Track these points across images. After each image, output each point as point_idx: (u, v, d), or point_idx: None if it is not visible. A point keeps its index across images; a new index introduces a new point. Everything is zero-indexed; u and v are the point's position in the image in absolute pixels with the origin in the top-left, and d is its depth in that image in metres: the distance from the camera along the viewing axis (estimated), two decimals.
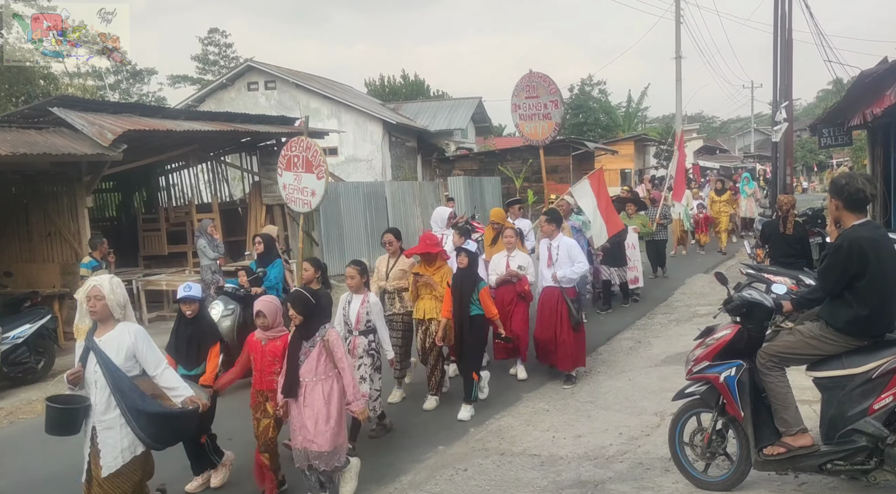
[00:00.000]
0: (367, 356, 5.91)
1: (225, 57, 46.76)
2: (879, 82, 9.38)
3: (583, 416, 6.41)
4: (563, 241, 7.45)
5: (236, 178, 17.69)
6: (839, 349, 3.94)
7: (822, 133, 16.12)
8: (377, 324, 5.94)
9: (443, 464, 5.51)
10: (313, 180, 8.24)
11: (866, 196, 3.95)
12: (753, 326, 4.34)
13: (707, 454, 4.53)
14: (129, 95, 41.92)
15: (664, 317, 10.42)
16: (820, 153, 41.91)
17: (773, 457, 4.10)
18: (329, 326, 4.84)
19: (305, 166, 8.29)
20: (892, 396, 3.73)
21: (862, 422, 3.79)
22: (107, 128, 10.32)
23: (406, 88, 43.43)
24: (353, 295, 5.98)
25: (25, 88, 22.33)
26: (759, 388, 4.24)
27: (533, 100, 10.69)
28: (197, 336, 5.28)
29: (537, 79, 10.65)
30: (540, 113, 10.63)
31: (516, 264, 7.43)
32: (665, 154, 37.10)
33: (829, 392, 3.99)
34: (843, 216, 4.01)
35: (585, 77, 47.34)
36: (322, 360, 4.72)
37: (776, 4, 15.16)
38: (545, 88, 10.56)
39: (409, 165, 28.47)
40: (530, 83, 10.68)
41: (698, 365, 4.48)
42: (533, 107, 10.70)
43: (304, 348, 4.73)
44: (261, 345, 5.11)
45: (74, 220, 11.14)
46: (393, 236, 7.06)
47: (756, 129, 55.42)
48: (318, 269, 6.79)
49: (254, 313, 5.15)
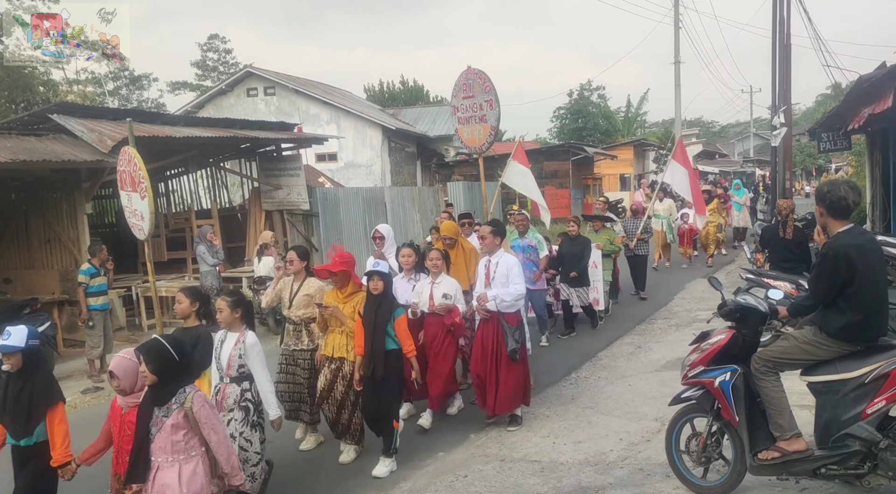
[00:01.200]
0: (238, 410, 4.72)
1: (224, 63, 46.88)
2: (878, 87, 9.40)
3: (583, 422, 6.40)
4: (504, 258, 6.31)
5: (235, 184, 17.71)
6: (833, 354, 3.96)
7: (821, 138, 16.12)
8: (255, 370, 4.75)
9: (443, 470, 5.50)
10: (137, 201, 6.97)
11: (849, 204, 3.98)
12: (748, 331, 4.36)
13: (703, 458, 4.54)
14: (128, 101, 41.98)
15: (664, 322, 10.42)
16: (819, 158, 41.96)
17: (768, 462, 4.11)
18: (192, 389, 3.71)
19: (131, 184, 7.07)
20: (885, 400, 3.74)
21: (855, 427, 3.80)
22: (106, 134, 10.33)
23: (405, 94, 43.50)
24: (228, 333, 4.85)
25: (25, 95, 22.37)
26: (754, 393, 4.25)
27: (469, 101, 9.54)
28: (27, 396, 4.09)
29: (473, 76, 9.48)
30: (476, 116, 9.53)
31: (441, 292, 6.39)
32: (664, 159, 37.14)
33: (824, 397, 4.00)
34: (829, 223, 4.05)
35: (585, 82, 47.51)
36: (180, 434, 3.62)
37: (774, 9, 15.19)
38: (480, 87, 9.40)
39: (409, 171, 28.48)
40: (467, 82, 9.55)
41: (693, 370, 4.50)
42: (469, 109, 9.58)
43: (156, 417, 3.62)
44: (120, 413, 4.02)
45: (74, 226, 11.15)
46: (296, 254, 5.99)
47: (755, 133, 55.48)
48: (197, 300, 5.12)
49: None
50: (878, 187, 13.45)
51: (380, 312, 5.46)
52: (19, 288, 11.45)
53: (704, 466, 4.57)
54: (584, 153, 28.34)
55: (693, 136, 49.31)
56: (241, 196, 17.54)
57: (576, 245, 9.68)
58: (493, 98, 9.32)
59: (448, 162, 28.89)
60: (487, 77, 9.37)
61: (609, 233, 10.99)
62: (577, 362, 8.45)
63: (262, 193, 14.77)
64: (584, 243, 9.79)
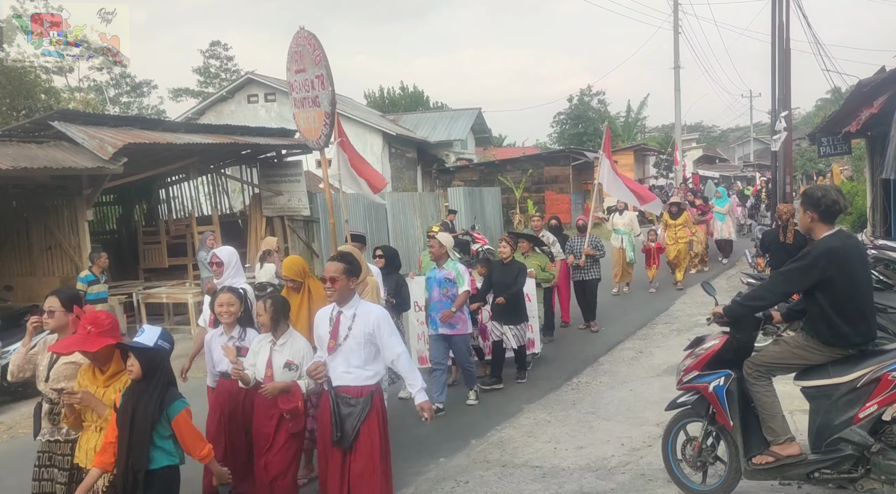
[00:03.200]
0: None
1: (226, 70, 46.96)
2: (877, 91, 9.43)
3: (584, 427, 6.39)
4: (366, 310, 4.35)
5: (236, 190, 17.73)
6: (825, 359, 3.99)
7: (821, 142, 16.18)
8: None
9: (444, 476, 5.49)
10: None
11: (840, 208, 4.05)
12: (742, 335, 4.38)
13: (698, 463, 4.57)
14: (129, 108, 42.04)
15: (665, 327, 10.41)
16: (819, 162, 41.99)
17: (762, 466, 4.13)
18: None
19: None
20: (876, 404, 3.77)
21: (848, 431, 3.83)
22: (107, 141, 10.36)
23: (405, 100, 43.59)
24: None
25: (26, 102, 22.39)
26: (748, 398, 4.27)
27: (301, 76, 6.99)
28: None
29: (303, 42, 6.84)
30: (310, 96, 6.98)
31: (282, 360, 4.51)
32: (665, 164, 37.16)
33: (816, 401, 4.04)
34: (816, 228, 4.09)
35: (585, 87, 47.61)
36: None
37: (774, 14, 15.22)
38: (311, 58, 6.79)
39: (409, 177, 28.53)
40: (297, 49, 6.94)
41: (688, 375, 4.53)
42: (302, 86, 7.03)
43: None
44: None
45: (75, 233, 11.17)
46: (58, 301, 4.15)
47: (755, 138, 55.57)
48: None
49: None
50: (879, 191, 13.47)
51: (141, 403, 3.52)
52: (20, 295, 11.46)
53: (700, 470, 4.59)
54: (584, 158, 28.37)
55: (693, 140, 49.38)
56: (241, 202, 17.57)
57: (508, 273, 7.71)
58: (325, 74, 6.68)
59: (449, 168, 28.94)
60: (318, 43, 6.72)
61: (540, 258, 9.02)
62: (579, 367, 8.44)
63: (263, 199, 14.80)
64: (519, 268, 7.81)
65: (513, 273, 7.69)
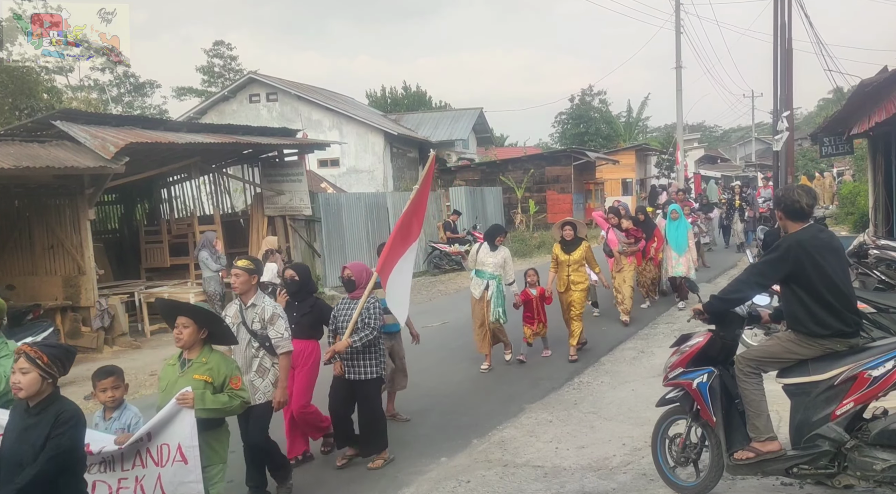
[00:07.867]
0: None
1: (230, 69, 46.94)
2: (879, 91, 9.42)
3: (586, 427, 6.39)
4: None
5: (238, 189, 17.76)
6: (816, 352, 4.05)
7: (822, 142, 16.15)
8: None
9: (445, 476, 5.48)
10: None
11: (803, 206, 4.14)
12: (726, 333, 4.46)
13: (682, 459, 4.64)
14: (131, 107, 42.06)
15: (666, 327, 10.39)
16: (821, 162, 41.95)
17: (743, 462, 4.21)
18: None
19: None
20: (853, 402, 3.85)
21: (825, 427, 3.91)
22: (109, 141, 10.37)
23: (407, 99, 43.54)
24: None
25: (28, 102, 22.39)
26: (732, 394, 4.36)
27: None
28: None
29: None
30: None
31: None
32: (666, 164, 37.14)
33: (796, 398, 4.12)
34: (787, 225, 4.23)
35: (586, 87, 47.44)
36: None
37: (776, 14, 15.20)
38: None
39: (411, 176, 28.52)
40: None
41: (673, 372, 4.61)
42: None
43: None
44: None
45: (77, 232, 11.18)
46: None
47: (757, 138, 55.46)
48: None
49: None
50: (881, 191, 13.46)
51: None
52: (22, 294, 11.46)
53: (684, 466, 4.67)
54: (585, 158, 28.34)
55: (695, 140, 49.30)
56: (243, 202, 17.58)
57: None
58: None
59: (450, 167, 28.93)
60: None
61: None
62: (580, 367, 8.44)
63: (265, 198, 14.81)
64: None
65: None
